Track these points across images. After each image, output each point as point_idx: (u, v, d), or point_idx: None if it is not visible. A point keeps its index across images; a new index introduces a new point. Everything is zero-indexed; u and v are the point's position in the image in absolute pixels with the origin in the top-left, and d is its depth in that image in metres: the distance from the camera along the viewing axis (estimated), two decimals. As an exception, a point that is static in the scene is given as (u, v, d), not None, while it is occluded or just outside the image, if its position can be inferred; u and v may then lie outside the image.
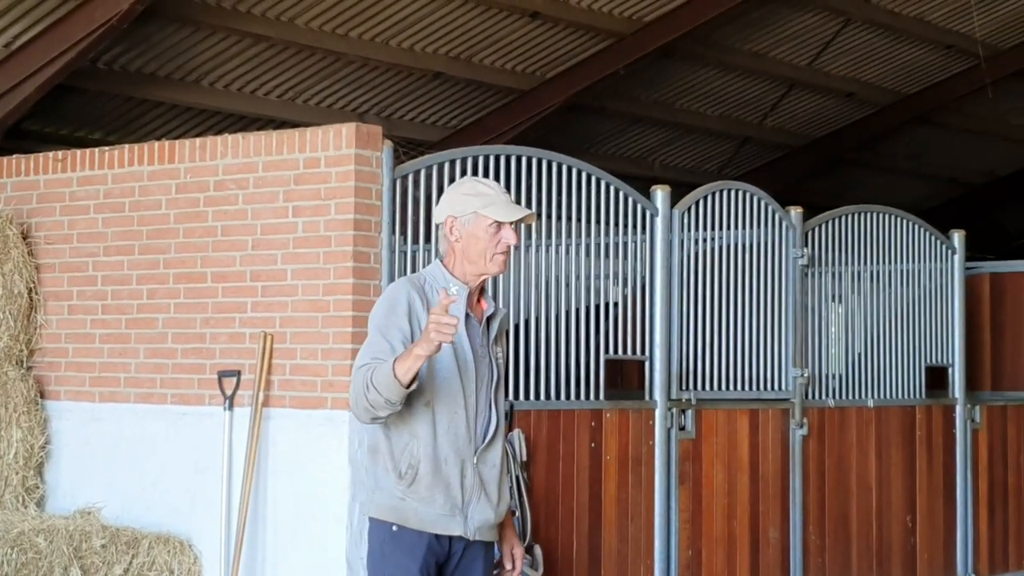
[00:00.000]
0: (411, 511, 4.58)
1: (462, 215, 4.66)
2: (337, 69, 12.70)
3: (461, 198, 4.69)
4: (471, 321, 4.68)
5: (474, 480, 4.64)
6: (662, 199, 7.93)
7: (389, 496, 4.60)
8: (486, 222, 4.64)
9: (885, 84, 16.83)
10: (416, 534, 4.58)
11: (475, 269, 4.67)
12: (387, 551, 4.60)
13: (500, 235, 4.66)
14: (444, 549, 4.63)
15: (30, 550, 6.65)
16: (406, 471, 4.56)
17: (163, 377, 7.42)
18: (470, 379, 4.64)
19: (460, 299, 4.63)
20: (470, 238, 4.65)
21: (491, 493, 4.68)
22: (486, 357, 4.71)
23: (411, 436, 4.57)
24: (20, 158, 8.07)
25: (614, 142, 16.17)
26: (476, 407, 4.67)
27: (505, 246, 4.67)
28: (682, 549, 7.87)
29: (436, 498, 4.58)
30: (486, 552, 4.75)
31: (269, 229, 7.10)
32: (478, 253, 4.65)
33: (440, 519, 4.59)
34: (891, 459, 9.31)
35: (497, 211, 4.64)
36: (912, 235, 9.65)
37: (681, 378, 7.91)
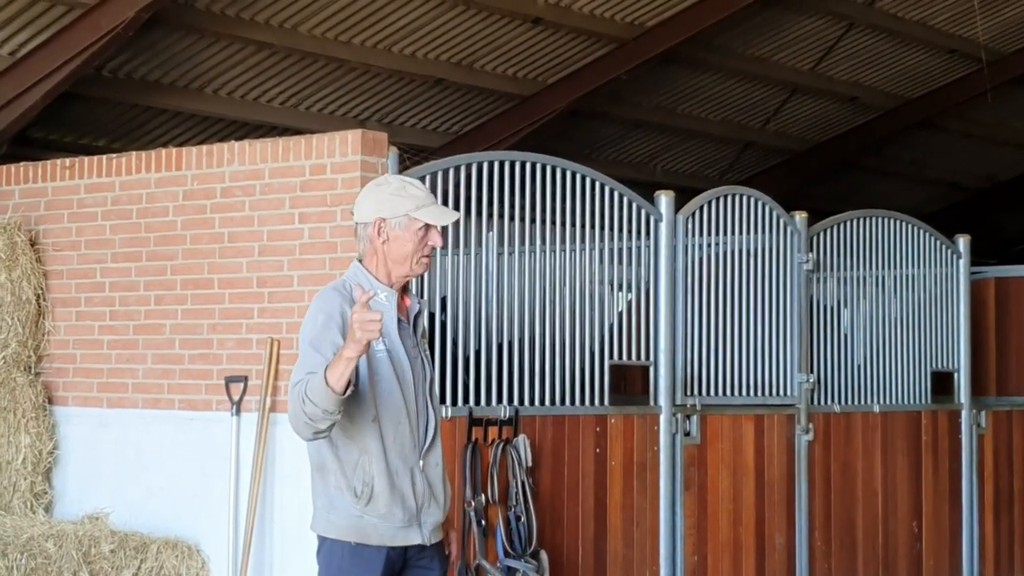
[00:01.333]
0: (371, 527, 4.53)
1: (392, 217, 4.56)
2: (339, 76, 12.73)
3: (391, 199, 4.58)
4: (402, 325, 4.62)
5: (423, 486, 4.62)
6: (666, 204, 7.94)
7: (346, 515, 4.52)
8: (416, 225, 4.57)
9: (888, 88, 16.85)
10: (375, 549, 4.54)
11: (400, 271, 4.59)
12: (345, 567, 4.54)
13: (427, 238, 4.60)
14: (400, 557, 4.61)
15: (39, 555, 6.67)
16: (362, 490, 4.50)
17: (170, 383, 7.44)
18: (408, 385, 4.59)
19: (390, 305, 4.56)
20: (398, 240, 4.57)
21: (438, 494, 4.67)
22: (419, 357, 4.67)
23: (361, 452, 4.50)
24: (28, 165, 8.10)
25: (616, 147, 16.19)
26: (417, 410, 4.62)
27: (431, 248, 4.62)
28: (688, 555, 7.87)
29: (394, 512, 4.53)
30: (439, 550, 4.74)
31: (275, 235, 7.13)
32: (404, 256, 4.58)
33: (399, 532, 4.56)
34: (897, 464, 9.31)
35: (430, 214, 4.57)
36: (917, 240, 9.65)
37: (686, 384, 7.92)
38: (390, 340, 4.55)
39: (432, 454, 4.67)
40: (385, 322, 4.43)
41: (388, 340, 4.54)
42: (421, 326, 4.74)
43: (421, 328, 4.73)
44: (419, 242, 4.59)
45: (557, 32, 13.26)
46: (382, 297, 4.56)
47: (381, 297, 4.55)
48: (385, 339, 4.52)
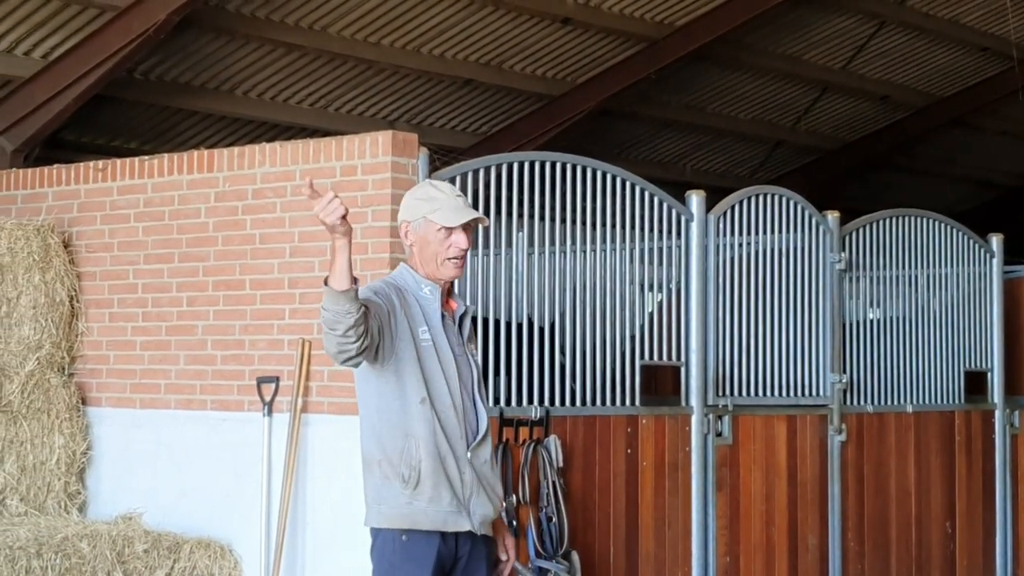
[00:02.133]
0: (420, 513, 4.60)
1: (413, 219, 4.72)
2: (368, 77, 12.77)
3: (413, 202, 4.74)
4: (446, 321, 4.73)
5: (472, 476, 4.68)
6: (697, 204, 7.92)
7: (395, 504, 4.61)
8: (434, 227, 4.69)
9: (920, 87, 16.78)
10: (426, 541, 4.60)
11: (431, 271, 4.71)
12: (396, 562, 4.61)
13: (451, 240, 4.70)
14: (451, 551, 4.66)
15: (74, 555, 6.71)
16: (409, 474, 4.59)
17: (203, 383, 7.47)
18: (453, 378, 4.68)
19: (433, 298, 4.69)
20: (421, 242, 4.71)
21: (487, 488, 4.74)
22: (464, 356, 4.76)
23: (406, 437, 4.59)
24: (61, 168, 8.14)
25: (645, 147, 16.17)
26: (463, 405, 4.71)
27: (457, 251, 4.70)
28: (720, 555, 7.85)
29: (442, 495, 4.61)
30: (489, 550, 4.81)
31: (307, 236, 7.14)
32: (430, 256, 4.70)
33: (450, 516, 4.63)
34: (930, 465, 9.27)
35: (443, 216, 4.68)
36: (950, 239, 9.60)
37: (717, 384, 7.90)
38: (435, 331, 4.67)
39: (481, 450, 4.75)
40: (430, 313, 4.65)
41: (433, 331, 4.67)
42: (467, 329, 4.83)
43: (468, 331, 4.83)
44: (440, 243, 4.69)
45: (586, 32, 13.25)
46: (426, 291, 4.69)
47: (425, 291, 4.69)
48: (431, 329, 4.66)
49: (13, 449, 7.52)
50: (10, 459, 7.49)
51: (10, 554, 6.47)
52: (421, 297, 4.67)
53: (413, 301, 4.66)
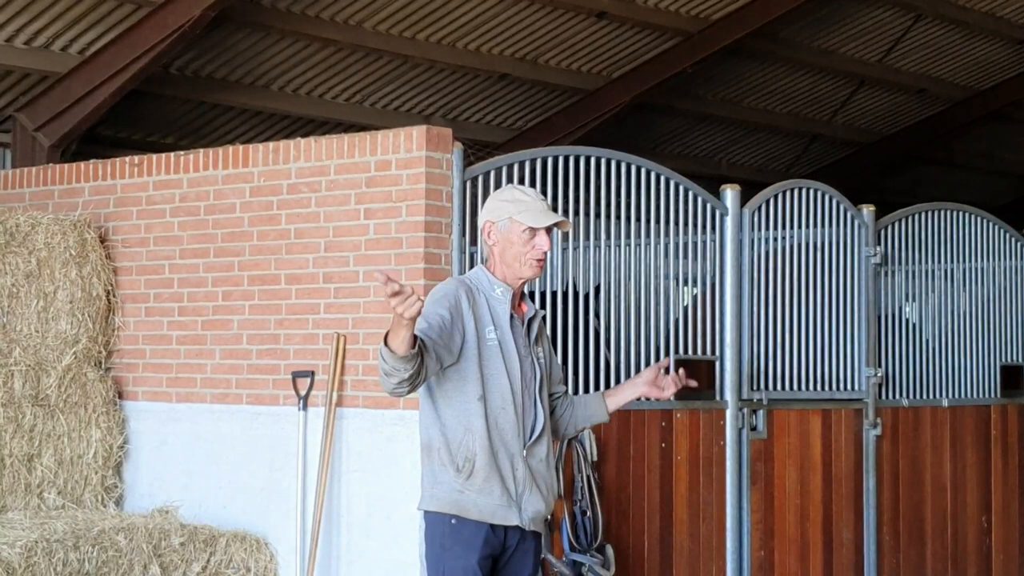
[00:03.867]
0: (471, 503, 4.73)
1: (498, 220, 4.86)
2: (404, 72, 12.78)
3: (498, 204, 4.88)
4: (515, 322, 4.87)
5: (525, 473, 4.80)
6: (732, 198, 7.90)
7: (448, 490, 4.74)
8: (520, 227, 4.83)
9: (957, 80, 16.67)
10: (475, 526, 4.72)
11: (511, 272, 4.85)
12: (447, 544, 4.74)
13: (534, 241, 4.84)
14: (500, 541, 4.77)
15: (110, 548, 6.76)
16: (463, 464, 4.72)
17: (238, 378, 7.50)
18: (516, 377, 4.81)
19: (504, 299, 4.83)
20: (505, 243, 4.85)
21: (541, 485, 4.86)
22: (529, 357, 4.89)
23: (466, 431, 4.73)
24: (97, 163, 8.19)
25: (680, 141, 16.13)
26: (523, 404, 4.84)
27: (539, 252, 4.85)
28: (754, 550, 7.84)
29: (493, 489, 4.73)
30: (537, 545, 4.92)
31: (341, 231, 7.17)
32: (513, 257, 4.84)
33: (499, 509, 4.75)
34: (966, 459, 9.22)
35: (530, 217, 4.82)
36: (987, 232, 9.55)
37: (752, 378, 7.88)
38: (502, 331, 4.81)
39: (538, 448, 4.86)
40: (499, 313, 4.81)
41: (500, 331, 4.81)
42: (535, 331, 4.95)
43: (536, 333, 4.95)
44: (524, 244, 4.84)
45: (622, 26, 13.23)
46: (497, 292, 4.85)
47: (497, 292, 4.84)
48: (498, 329, 4.80)
49: (51, 443, 7.58)
50: (48, 453, 7.55)
51: (48, 547, 6.53)
52: (492, 297, 4.83)
53: (483, 301, 4.81)
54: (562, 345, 6.99)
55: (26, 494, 7.47)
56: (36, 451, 7.53)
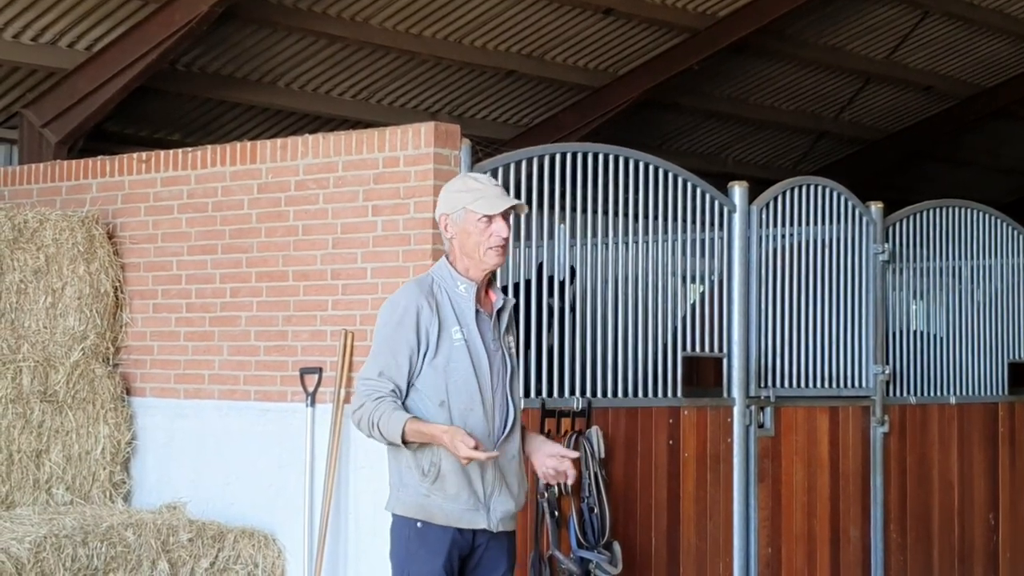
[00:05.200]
0: (436, 507, 4.66)
1: (453, 212, 4.76)
2: (410, 69, 12.77)
3: (452, 195, 4.79)
4: (481, 316, 4.77)
5: (494, 474, 4.72)
6: (740, 195, 7.90)
7: (414, 493, 4.68)
8: (475, 216, 4.72)
9: (963, 77, 16.64)
10: (440, 531, 4.66)
11: (474, 264, 4.75)
12: (412, 548, 4.68)
13: (491, 228, 4.73)
14: (468, 542, 4.71)
15: (119, 544, 6.76)
16: (428, 469, 4.65)
17: (246, 374, 7.51)
18: (484, 375, 4.72)
19: (468, 296, 4.73)
20: (463, 234, 4.74)
21: (511, 484, 4.78)
22: (499, 350, 4.80)
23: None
24: (105, 159, 8.20)
25: (687, 138, 16.12)
26: (493, 402, 4.75)
27: (498, 239, 4.74)
28: (761, 547, 7.84)
29: (460, 494, 4.66)
30: (510, 542, 4.85)
31: (349, 228, 7.17)
32: (472, 247, 4.74)
33: (465, 514, 4.68)
34: (973, 456, 9.22)
35: (484, 204, 4.72)
36: (994, 229, 9.54)
37: (760, 375, 7.88)
38: (468, 329, 4.71)
39: (508, 446, 4.77)
40: (464, 311, 4.70)
41: (466, 329, 4.71)
42: (505, 322, 4.85)
43: (505, 324, 4.85)
44: (481, 233, 4.73)
45: (628, 22, 13.21)
46: (461, 289, 4.74)
47: (460, 289, 4.74)
48: (464, 328, 4.70)
49: (59, 439, 7.59)
50: (56, 448, 7.56)
51: (56, 542, 6.54)
52: (455, 295, 4.74)
53: (446, 300, 4.72)
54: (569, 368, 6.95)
55: (34, 490, 7.49)
56: (44, 447, 7.54)
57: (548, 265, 7.28)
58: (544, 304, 7.02)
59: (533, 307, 6.95)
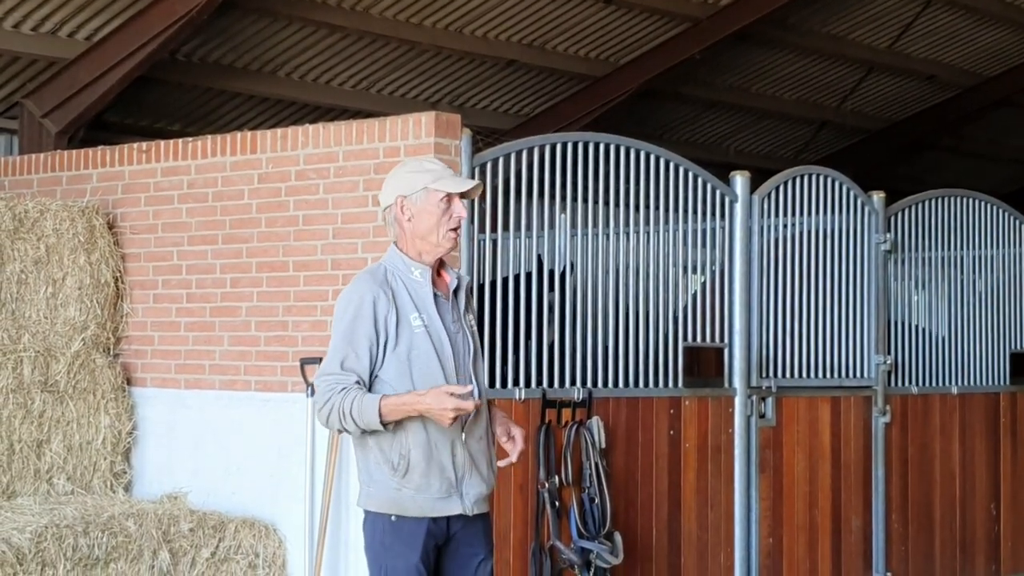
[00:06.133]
0: (408, 500, 4.60)
1: (411, 193, 4.66)
2: (411, 58, 12.75)
3: (408, 176, 4.70)
4: (439, 299, 4.70)
5: (464, 457, 4.66)
6: (742, 185, 7.89)
7: (384, 488, 4.61)
8: (437, 196, 4.65)
9: (966, 66, 16.61)
10: (415, 523, 4.61)
11: (428, 246, 4.67)
12: (387, 542, 4.63)
13: (451, 210, 4.67)
14: (443, 530, 4.66)
15: (120, 533, 6.76)
16: (398, 462, 4.59)
17: (247, 364, 7.50)
18: (448, 359, 4.65)
19: (424, 280, 4.65)
20: (421, 214, 4.66)
21: (481, 466, 4.71)
22: (460, 331, 4.73)
23: (397, 426, 4.58)
24: (105, 149, 8.19)
25: (688, 128, 16.09)
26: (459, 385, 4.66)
27: (457, 220, 4.68)
28: (763, 537, 7.84)
29: (431, 483, 4.60)
30: (486, 524, 4.79)
31: (350, 218, 7.16)
32: (429, 229, 4.66)
33: (438, 503, 4.62)
34: (975, 446, 9.21)
35: (447, 184, 4.66)
36: (996, 219, 9.54)
37: (761, 365, 7.87)
38: (427, 315, 4.64)
39: (476, 427, 4.71)
40: (421, 297, 4.63)
41: (425, 315, 4.64)
42: (463, 300, 4.79)
43: (463, 302, 4.79)
44: (442, 215, 4.66)
45: (630, 12, 13.18)
46: (416, 274, 4.67)
47: (415, 274, 4.67)
48: (423, 314, 4.63)
49: (60, 429, 7.59)
50: (57, 439, 7.56)
51: (57, 532, 6.54)
52: (411, 281, 4.65)
53: (402, 288, 4.64)
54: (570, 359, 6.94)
55: (35, 480, 7.49)
56: (45, 437, 7.54)
57: (547, 258, 7.26)
58: (545, 300, 7.01)
59: (534, 300, 6.94)
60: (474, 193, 4.75)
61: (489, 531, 4.82)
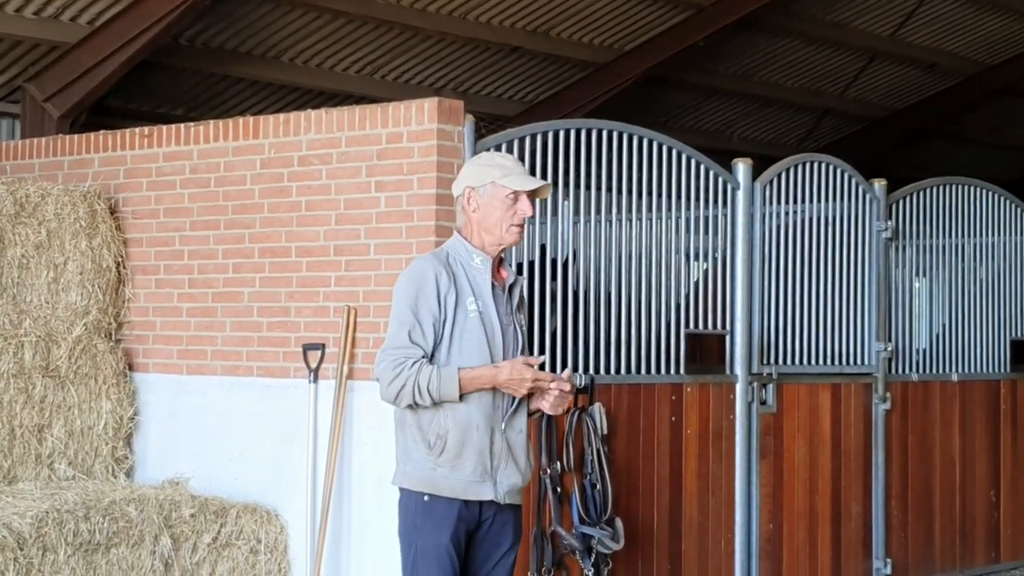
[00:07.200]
0: (442, 479, 4.68)
1: (480, 185, 4.77)
2: (415, 44, 12.73)
3: (479, 169, 4.81)
4: (495, 290, 4.80)
5: (502, 446, 4.75)
6: (744, 172, 7.89)
7: (419, 467, 4.71)
8: (504, 192, 4.75)
9: (968, 55, 16.59)
10: (447, 503, 4.68)
11: (492, 239, 4.78)
12: (419, 522, 4.71)
13: (517, 206, 4.77)
14: (475, 516, 4.73)
15: (121, 519, 6.77)
16: (435, 442, 4.68)
17: (249, 350, 7.51)
18: (497, 347, 4.76)
19: (484, 268, 4.77)
20: (487, 208, 4.77)
21: (518, 458, 4.80)
22: (511, 325, 4.83)
23: (437, 408, 4.67)
24: (107, 134, 8.18)
25: (692, 115, 16.09)
26: None
27: (521, 217, 4.78)
28: (763, 523, 7.85)
29: (465, 465, 4.69)
30: (516, 516, 4.87)
31: (352, 204, 7.16)
32: (494, 223, 4.77)
33: (471, 485, 4.70)
34: (975, 433, 9.23)
35: (514, 181, 4.75)
36: (997, 207, 9.54)
37: (762, 352, 7.88)
38: (483, 302, 4.75)
39: (516, 419, 4.80)
40: (479, 284, 4.76)
41: (481, 301, 4.75)
42: (517, 298, 4.89)
43: (517, 300, 4.89)
44: (507, 209, 4.77)
45: (634, -2, 13.17)
46: (477, 262, 4.78)
47: (476, 262, 4.78)
48: (479, 300, 4.74)
49: (61, 414, 7.60)
50: (58, 424, 7.57)
51: (58, 517, 6.55)
52: (471, 267, 4.76)
53: (462, 272, 4.75)
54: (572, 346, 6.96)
55: (36, 465, 7.50)
56: (46, 422, 7.55)
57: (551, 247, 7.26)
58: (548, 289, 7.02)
59: (536, 290, 6.95)
60: (543, 193, 4.85)
61: (519, 523, 4.89)
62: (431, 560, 4.67)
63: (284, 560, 7.28)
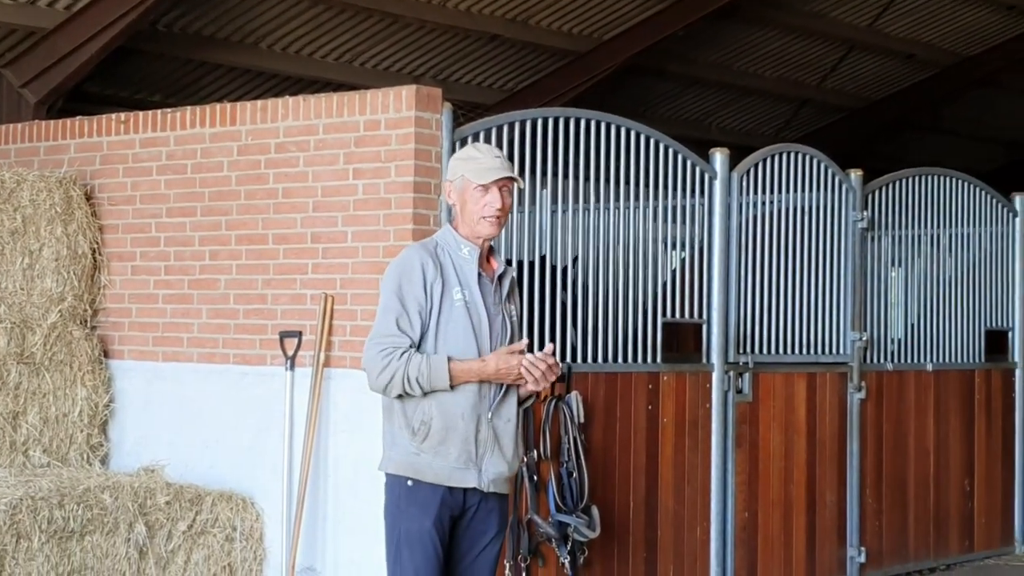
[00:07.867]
0: (425, 465, 4.73)
1: (454, 179, 4.87)
2: (393, 31, 12.72)
3: (454, 162, 4.91)
4: (483, 280, 4.85)
5: (488, 434, 4.78)
6: (721, 162, 7.90)
7: (404, 452, 4.75)
8: (472, 185, 4.82)
9: (946, 45, 16.65)
10: (430, 489, 4.73)
11: (471, 230, 4.84)
12: (403, 505, 4.76)
13: (485, 198, 4.81)
14: (459, 502, 4.77)
15: (95, 506, 6.76)
16: (419, 427, 4.72)
17: (225, 337, 7.49)
18: (484, 336, 4.79)
19: (471, 259, 4.82)
20: (461, 201, 4.85)
21: (505, 447, 4.83)
22: (500, 315, 4.87)
23: (422, 395, 4.71)
24: (83, 120, 8.15)
25: (670, 105, 16.11)
26: None
27: (491, 209, 4.81)
28: (738, 511, 7.88)
29: (450, 452, 4.73)
30: (501, 505, 4.90)
31: (330, 191, 7.15)
32: (468, 215, 4.83)
33: (455, 472, 4.74)
34: (949, 423, 9.27)
35: (476, 175, 4.81)
36: (973, 198, 9.58)
37: (738, 341, 7.91)
38: (469, 291, 4.80)
39: (504, 408, 4.83)
40: (466, 273, 4.81)
41: (468, 291, 4.80)
42: (506, 288, 4.92)
43: (506, 290, 4.92)
44: (476, 202, 4.82)
45: (612, -13, 13.18)
46: (464, 252, 4.84)
47: (464, 252, 4.84)
48: (465, 289, 4.79)
49: (36, 401, 7.57)
50: (33, 411, 7.54)
51: (32, 504, 6.53)
52: (458, 257, 4.81)
53: (449, 262, 4.80)
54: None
55: (11, 452, 7.47)
56: (21, 409, 7.52)
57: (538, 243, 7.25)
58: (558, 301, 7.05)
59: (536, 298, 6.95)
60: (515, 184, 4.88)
61: (504, 512, 4.92)
62: (415, 544, 4.72)
63: (260, 548, 7.27)
